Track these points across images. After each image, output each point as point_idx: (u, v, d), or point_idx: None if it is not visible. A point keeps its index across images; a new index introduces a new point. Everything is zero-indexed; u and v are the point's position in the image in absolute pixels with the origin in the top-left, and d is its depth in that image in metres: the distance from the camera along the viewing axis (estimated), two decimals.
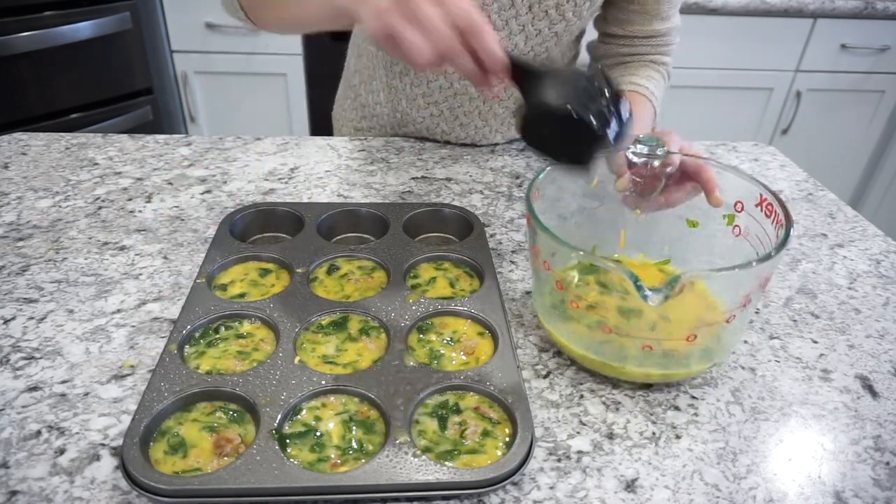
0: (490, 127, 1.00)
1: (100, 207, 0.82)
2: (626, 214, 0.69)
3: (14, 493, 0.46)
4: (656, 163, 0.65)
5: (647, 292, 0.49)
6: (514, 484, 0.48)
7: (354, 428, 0.51)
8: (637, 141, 0.65)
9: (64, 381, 0.55)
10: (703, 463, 0.51)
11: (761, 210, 0.60)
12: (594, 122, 0.51)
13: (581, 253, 0.53)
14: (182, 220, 0.80)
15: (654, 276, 0.67)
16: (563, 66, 0.54)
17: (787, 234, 0.54)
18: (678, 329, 0.55)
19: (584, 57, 1.04)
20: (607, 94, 0.52)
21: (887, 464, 0.52)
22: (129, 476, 0.45)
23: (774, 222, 0.58)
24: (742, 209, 0.62)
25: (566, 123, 0.52)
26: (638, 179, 0.67)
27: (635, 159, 0.66)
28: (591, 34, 1.02)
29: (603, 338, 0.56)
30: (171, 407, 0.51)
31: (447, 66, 0.55)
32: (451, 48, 0.52)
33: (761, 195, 0.60)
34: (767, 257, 0.52)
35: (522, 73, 0.55)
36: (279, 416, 0.50)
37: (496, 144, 1.04)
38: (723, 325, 0.55)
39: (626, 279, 0.50)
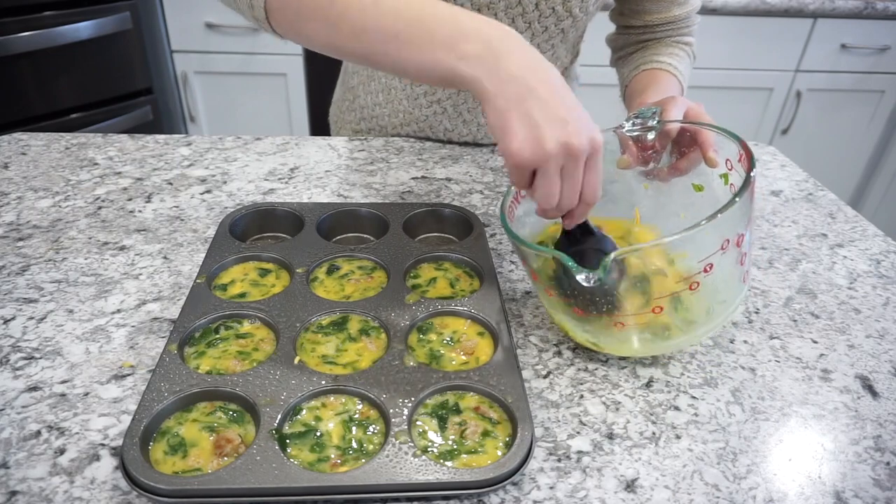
0: None
1: (100, 207, 0.82)
2: (639, 189, 0.69)
3: (14, 493, 0.46)
4: (650, 135, 0.65)
5: (581, 274, 0.51)
6: (514, 484, 0.48)
7: (354, 428, 0.51)
8: (634, 115, 0.65)
9: (64, 381, 0.55)
10: (703, 463, 0.51)
11: (742, 165, 0.59)
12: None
13: (523, 245, 0.55)
14: (182, 220, 0.80)
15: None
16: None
17: (745, 184, 0.53)
18: (636, 302, 0.56)
19: (582, 57, 1.04)
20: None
21: (887, 464, 0.52)
22: (129, 476, 0.45)
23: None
24: (732, 167, 0.61)
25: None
26: (647, 152, 0.67)
27: (629, 135, 0.65)
28: (606, 29, 1.02)
29: (578, 318, 0.58)
30: (171, 407, 0.51)
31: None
32: (567, 209, 0.55)
33: (739, 151, 0.59)
34: (712, 217, 0.50)
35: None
36: (279, 416, 0.50)
37: (496, 144, 1.04)
38: (688, 293, 0.54)
39: (564, 263, 0.51)
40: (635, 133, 0.65)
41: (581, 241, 0.60)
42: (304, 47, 0.66)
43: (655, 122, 0.64)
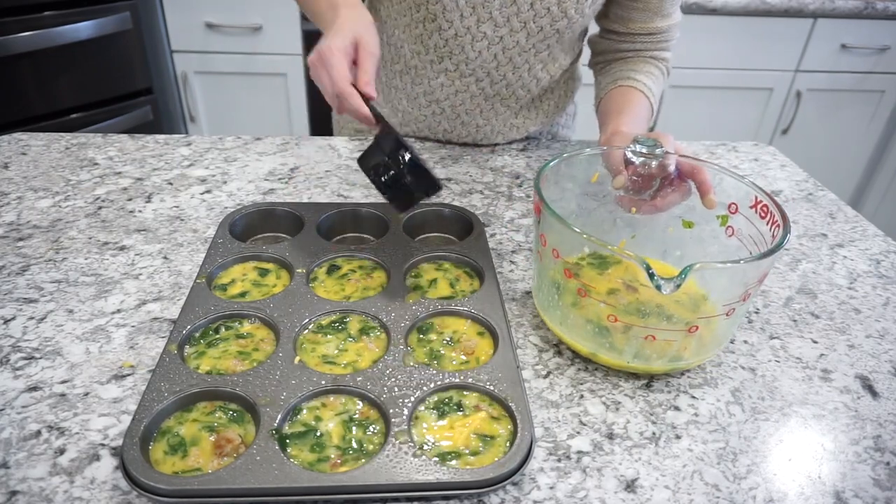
0: (491, 126, 1.00)
1: (100, 207, 0.82)
2: (623, 214, 0.70)
3: (14, 493, 0.46)
4: (654, 163, 0.66)
5: (661, 281, 0.51)
6: (514, 484, 0.48)
7: (354, 428, 0.51)
8: (636, 141, 0.66)
9: (64, 381, 0.55)
10: (703, 463, 0.51)
11: (756, 212, 0.61)
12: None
13: (594, 241, 0.55)
14: (182, 220, 0.80)
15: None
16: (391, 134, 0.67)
17: (786, 232, 0.56)
18: (680, 320, 0.56)
19: (586, 56, 1.04)
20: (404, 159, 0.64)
21: (887, 464, 0.52)
22: (129, 476, 0.45)
23: (769, 223, 0.59)
24: (736, 210, 0.63)
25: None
26: (635, 178, 0.67)
27: (634, 158, 0.66)
28: (592, 28, 1.02)
29: (607, 326, 0.57)
30: (171, 407, 0.51)
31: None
32: (337, 104, 0.68)
33: (756, 197, 0.61)
34: (771, 252, 0.53)
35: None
36: (279, 416, 0.50)
37: (496, 145, 1.04)
38: (723, 318, 0.56)
39: (640, 268, 0.51)
40: (641, 159, 0.66)
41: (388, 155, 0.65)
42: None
43: (661, 151, 0.65)
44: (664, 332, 0.56)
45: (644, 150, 0.65)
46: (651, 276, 0.51)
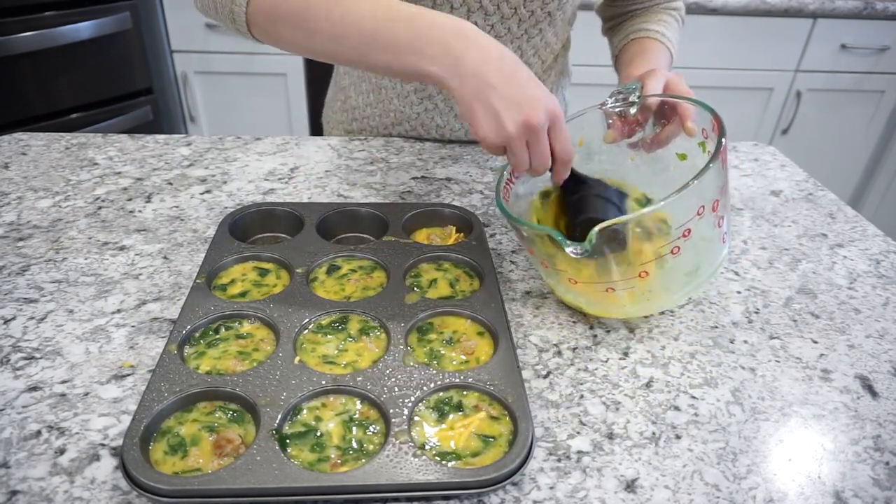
0: None
1: (100, 207, 0.82)
2: (625, 161, 0.71)
3: (14, 493, 0.46)
4: (633, 110, 0.66)
5: (570, 248, 0.54)
6: (514, 484, 0.48)
7: (354, 428, 0.51)
8: (617, 91, 0.68)
9: (64, 381, 0.55)
10: (703, 463, 0.51)
11: (716, 133, 0.61)
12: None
13: (518, 223, 0.60)
14: (182, 220, 0.80)
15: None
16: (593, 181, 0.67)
17: (718, 148, 0.56)
18: (626, 268, 0.58)
19: (580, 57, 1.04)
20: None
21: (887, 464, 0.52)
22: (129, 476, 0.45)
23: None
24: (707, 136, 0.64)
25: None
26: (626, 127, 0.69)
27: (613, 111, 0.67)
28: (599, 29, 1.02)
29: (572, 288, 0.61)
30: (170, 407, 0.51)
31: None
32: (544, 170, 0.63)
33: (711, 120, 0.62)
34: (685, 186, 0.54)
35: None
36: (279, 416, 0.50)
37: None
38: (671, 257, 0.57)
39: (554, 238, 0.55)
40: (618, 109, 0.68)
41: (578, 191, 0.66)
42: (283, 51, 0.73)
43: (636, 97, 0.67)
44: (616, 282, 0.58)
45: (619, 100, 0.67)
46: (562, 244, 0.55)
